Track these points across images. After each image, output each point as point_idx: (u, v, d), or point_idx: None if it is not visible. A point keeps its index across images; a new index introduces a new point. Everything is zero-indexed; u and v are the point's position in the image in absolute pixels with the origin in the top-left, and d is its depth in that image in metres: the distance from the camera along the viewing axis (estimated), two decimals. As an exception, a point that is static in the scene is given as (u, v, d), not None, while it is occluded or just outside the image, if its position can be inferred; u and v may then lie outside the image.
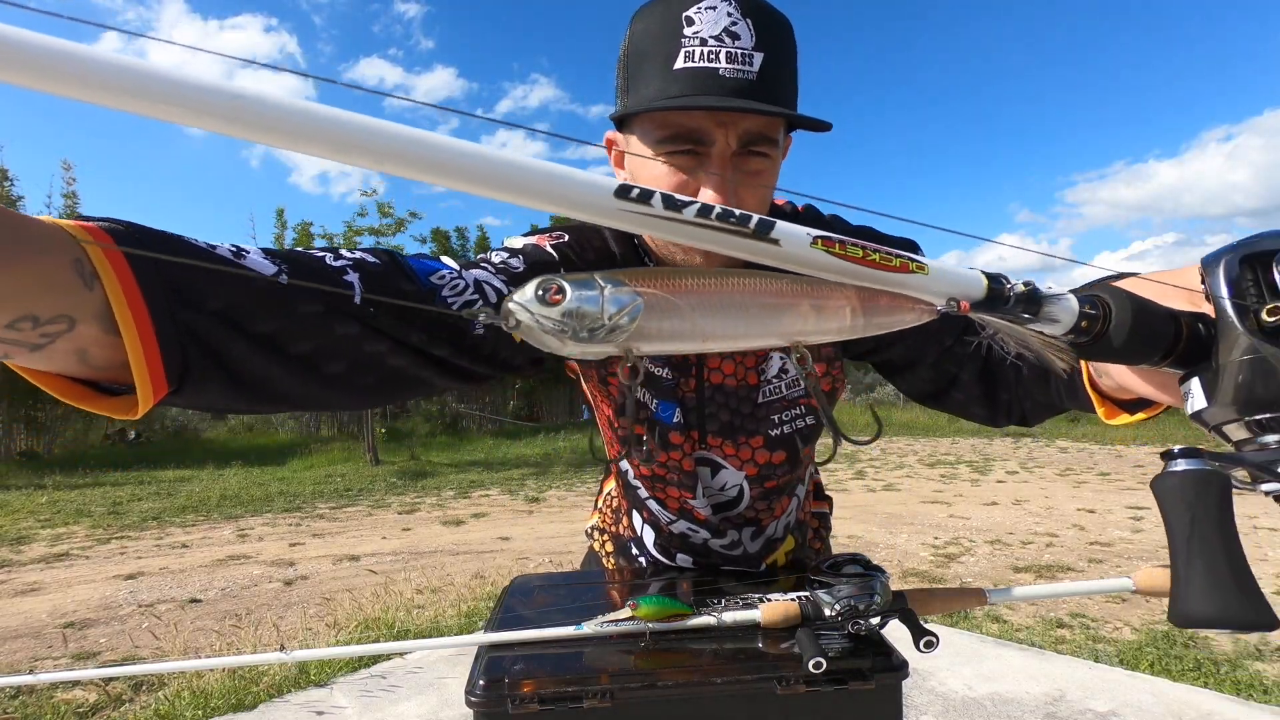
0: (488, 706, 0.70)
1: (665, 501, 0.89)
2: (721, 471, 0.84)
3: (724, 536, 0.90)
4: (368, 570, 4.78)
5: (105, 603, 4.15)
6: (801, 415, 0.82)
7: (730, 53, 0.61)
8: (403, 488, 8.81)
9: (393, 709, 2.43)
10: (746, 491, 0.86)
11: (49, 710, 2.56)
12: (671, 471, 0.85)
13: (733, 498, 0.86)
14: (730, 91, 0.61)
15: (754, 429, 0.81)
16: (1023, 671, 2.65)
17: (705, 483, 0.84)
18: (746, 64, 0.62)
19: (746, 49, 0.62)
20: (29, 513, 7.35)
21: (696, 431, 0.81)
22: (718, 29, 0.61)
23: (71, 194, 14.60)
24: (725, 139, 0.64)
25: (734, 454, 0.83)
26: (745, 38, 0.62)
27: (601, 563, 1.08)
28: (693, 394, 0.79)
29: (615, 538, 1.03)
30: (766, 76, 0.62)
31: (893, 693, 0.75)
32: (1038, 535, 5.38)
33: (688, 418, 0.79)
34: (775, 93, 0.63)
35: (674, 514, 0.90)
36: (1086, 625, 3.37)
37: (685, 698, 0.72)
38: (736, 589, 0.90)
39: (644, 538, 0.95)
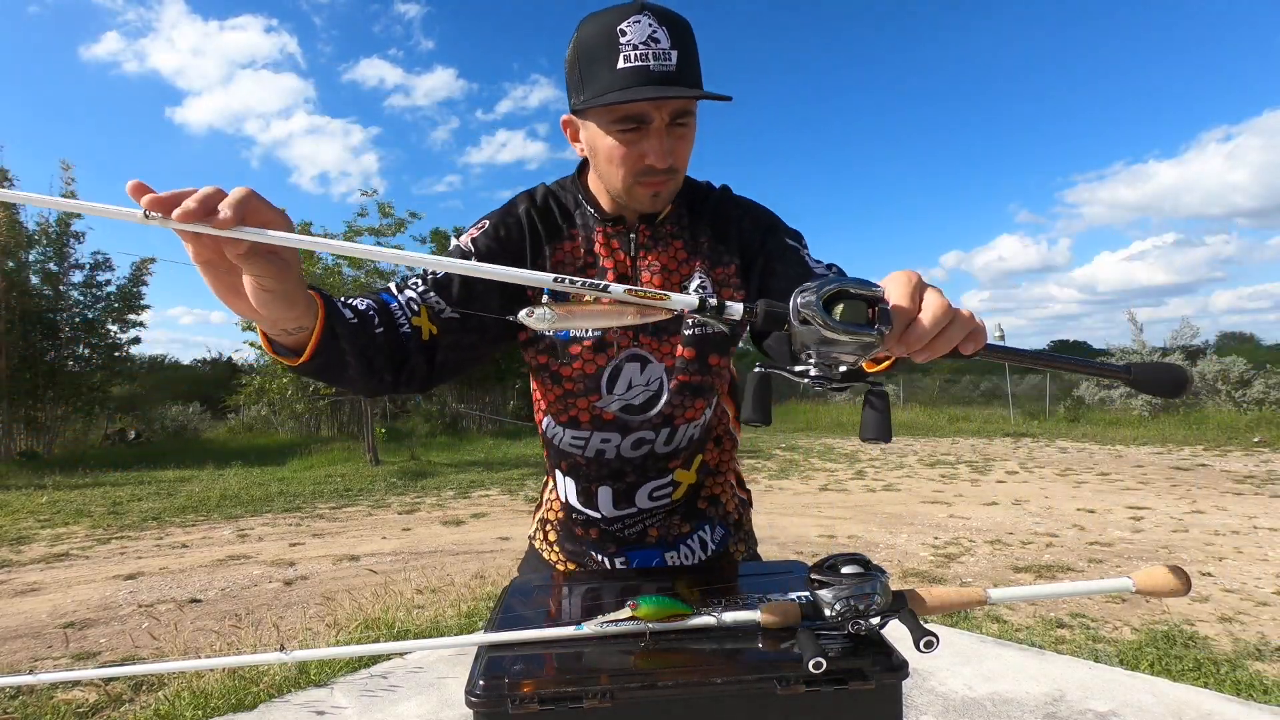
0: (488, 706, 0.70)
1: (578, 419, 1.02)
2: (648, 366, 0.99)
3: (633, 434, 1.01)
4: (368, 570, 4.77)
5: (105, 603, 4.15)
6: (711, 326, 0.99)
7: (655, 53, 0.84)
8: (403, 488, 8.81)
9: (393, 709, 2.42)
10: (665, 384, 1.00)
11: (49, 710, 2.56)
12: (578, 382, 0.99)
13: (651, 395, 1.00)
14: (658, 82, 0.84)
15: (675, 329, 0.99)
16: (1023, 671, 2.65)
17: (630, 380, 0.99)
18: (667, 60, 0.85)
19: (665, 49, 0.85)
20: (29, 513, 7.35)
21: (631, 331, 0.99)
22: (644, 36, 0.84)
23: (71, 194, 14.58)
24: (660, 116, 0.87)
25: (657, 348, 0.99)
26: (663, 41, 0.85)
27: (541, 556, 1.17)
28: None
29: (547, 521, 1.15)
30: (681, 68, 0.86)
31: (893, 693, 0.75)
32: (1038, 535, 5.38)
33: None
34: (689, 79, 0.86)
35: (587, 430, 1.02)
36: (1086, 625, 3.37)
37: (685, 698, 0.72)
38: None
39: (568, 495, 1.07)
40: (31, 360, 13.88)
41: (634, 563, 1.11)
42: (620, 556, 1.11)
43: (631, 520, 1.08)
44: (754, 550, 1.23)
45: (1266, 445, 10.74)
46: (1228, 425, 12.64)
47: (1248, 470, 8.38)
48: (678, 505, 1.10)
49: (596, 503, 1.06)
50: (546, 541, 1.17)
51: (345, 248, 0.67)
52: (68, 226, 14.48)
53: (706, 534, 1.13)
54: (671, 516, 1.10)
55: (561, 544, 1.15)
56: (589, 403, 1.01)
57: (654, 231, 1.01)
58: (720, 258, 1.01)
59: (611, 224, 1.00)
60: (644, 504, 1.07)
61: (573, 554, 1.14)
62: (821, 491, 7.81)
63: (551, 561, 1.17)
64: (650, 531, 1.09)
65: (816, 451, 11.79)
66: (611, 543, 1.10)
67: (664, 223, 1.01)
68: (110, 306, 15.15)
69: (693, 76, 0.87)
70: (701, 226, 1.02)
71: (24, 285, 13.91)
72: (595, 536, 1.10)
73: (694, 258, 1.01)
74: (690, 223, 1.03)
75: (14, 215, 13.49)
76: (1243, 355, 15.84)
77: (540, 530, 1.19)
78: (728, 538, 1.16)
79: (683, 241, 1.02)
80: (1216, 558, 4.57)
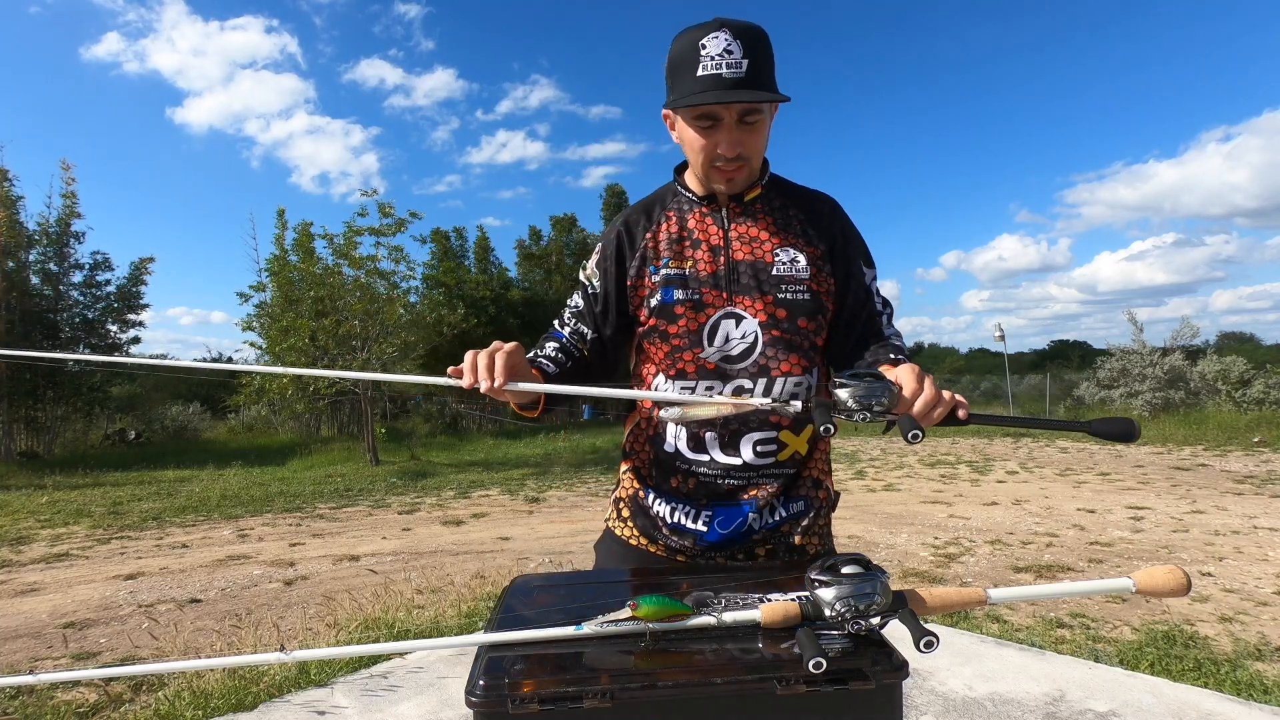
0: (488, 706, 0.70)
1: (685, 370, 1.14)
2: (743, 322, 1.13)
3: (733, 381, 1.13)
4: (368, 570, 4.78)
5: (105, 603, 4.15)
6: (800, 293, 1.13)
7: (729, 63, 1.02)
8: (403, 488, 8.81)
9: (393, 709, 2.42)
10: (759, 337, 1.13)
11: (49, 710, 2.56)
12: (683, 337, 1.14)
13: (747, 346, 1.13)
14: (728, 87, 1.02)
15: (767, 290, 1.13)
16: (1023, 671, 2.65)
17: (727, 334, 1.13)
18: (738, 69, 1.02)
19: (738, 59, 1.02)
20: (29, 513, 7.35)
21: (726, 292, 1.13)
22: (720, 49, 1.02)
23: (71, 194, 14.58)
24: (730, 115, 1.06)
25: (750, 305, 1.13)
26: (736, 52, 1.02)
27: (617, 538, 1.23)
28: (723, 267, 1.14)
29: (642, 470, 1.22)
30: (751, 74, 1.02)
31: (893, 693, 0.75)
32: (1038, 535, 5.38)
33: (719, 283, 1.14)
34: (757, 83, 1.03)
35: (694, 380, 1.14)
36: (1086, 625, 3.37)
37: (685, 698, 0.72)
38: (736, 580, 0.90)
39: (677, 441, 1.17)
40: (31, 360, 13.87)
41: (716, 521, 1.14)
42: (708, 511, 1.15)
43: (736, 471, 1.14)
44: (830, 549, 1.24)
45: (1266, 445, 10.74)
46: (1228, 425, 12.64)
47: (1248, 470, 8.38)
48: (785, 473, 1.15)
49: (704, 445, 1.15)
50: (620, 519, 1.25)
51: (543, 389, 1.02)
52: (67, 227, 14.49)
53: (785, 504, 1.17)
54: (775, 482, 1.15)
55: (634, 518, 1.22)
56: (694, 355, 1.14)
57: (744, 209, 1.17)
58: (810, 239, 1.17)
59: (706, 203, 1.18)
60: (749, 458, 1.13)
61: (644, 529, 1.20)
62: (821, 491, 7.80)
63: (626, 538, 1.22)
64: (749, 490, 1.14)
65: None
66: (705, 495, 1.15)
67: (753, 201, 1.17)
68: (110, 306, 15.16)
69: (760, 81, 1.03)
70: (792, 210, 1.18)
71: (24, 285, 13.91)
72: (691, 487, 1.16)
73: (783, 233, 1.16)
74: (781, 205, 1.19)
75: (14, 215, 13.49)
76: (1243, 355, 15.84)
77: (615, 510, 1.27)
78: (805, 516, 1.18)
79: (772, 219, 1.17)
80: (1216, 558, 4.57)
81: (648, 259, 1.17)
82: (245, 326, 15.25)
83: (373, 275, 12.32)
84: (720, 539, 1.14)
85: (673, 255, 1.16)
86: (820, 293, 1.15)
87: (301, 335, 11.87)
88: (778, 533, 1.16)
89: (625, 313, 1.19)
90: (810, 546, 1.19)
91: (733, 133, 1.06)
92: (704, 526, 1.15)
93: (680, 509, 1.16)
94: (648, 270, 1.16)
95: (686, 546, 1.16)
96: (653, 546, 1.19)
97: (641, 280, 1.17)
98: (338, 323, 11.88)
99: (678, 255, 1.15)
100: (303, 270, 12.91)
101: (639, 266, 1.17)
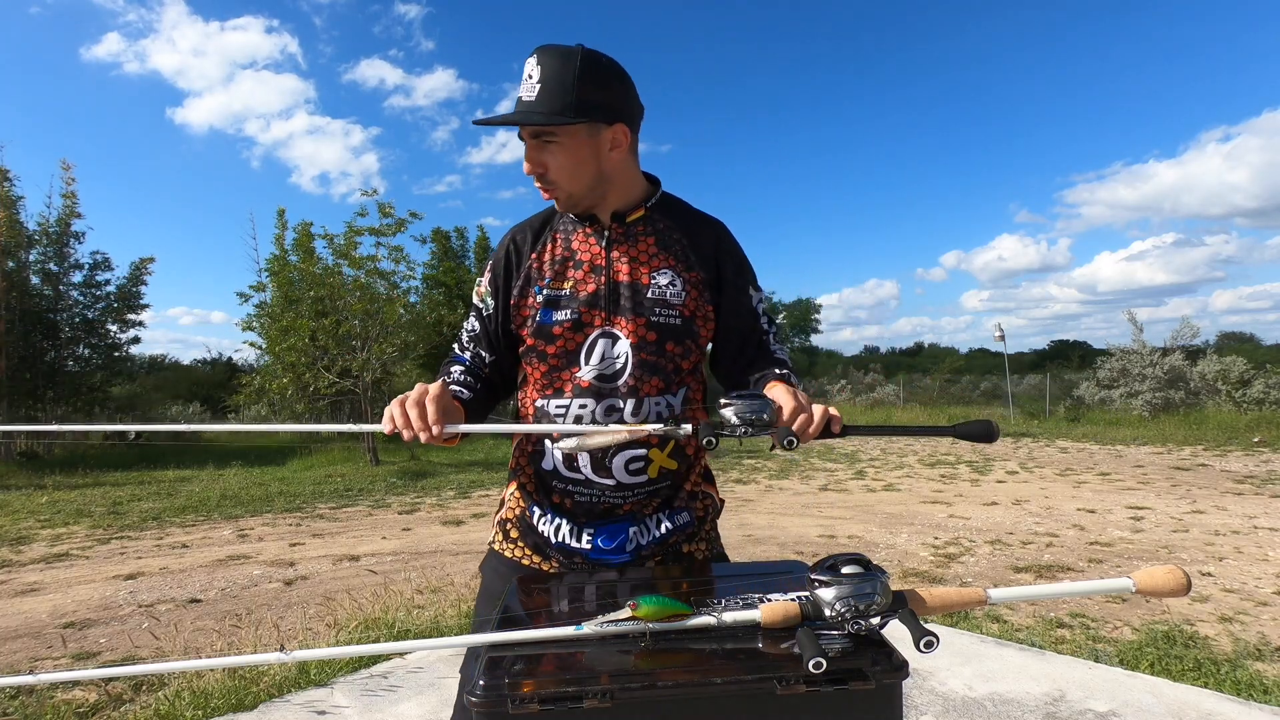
0: (488, 706, 0.70)
1: (562, 389, 1.18)
2: (618, 342, 1.16)
3: (605, 400, 1.15)
4: (368, 570, 4.77)
5: (105, 603, 4.15)
6: (671, 317, 1.16)
7: (527, 87, 1.09)
8: (403, 488, 8.81)
9: (393, 709, 2.42)
10: (630, 359, 1.15)
11: (49, 710, 2.56)
12: (561, 356, 1.17)
13: (620, 366, 1.15)
14: (521, 109, 1.09)
15: (641, 313, 1.15)
16: (1023, 671, 2.65)
17: (603, 353, 1.16)
18: (530, 92, 1.08)
19: (534, 82, 1.08)
20: (29, 513, 7.35)
21: (605, 312, 1.16)
22: (527, 73, 1.09)
23: (71, 194, 14.57)
24: (526, 136, 1.12)
25: (624, 325, 1.15)
26: (535, 76, 1.08)
27: (506, 558, 1.25)
28: (604, 287, 1.17)
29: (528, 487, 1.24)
30: (539, 97, 1.07)
31: (893, 693, 0.75)
32: (1038, 535, 5.38)
33: (598, 303, 1.17)
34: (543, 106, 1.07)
35: (569, 398, 1.17)
36: (1086, 625, 3.37)
37: (685, 698, 0.72)
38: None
39: (556, 463, 1.19)
40: (31, 360, 13.89)
41: (598, 539, 1.17)
42: (589, 529, 1.17)
43: (610, 491, 1.16)
44: (719, 552, 1.28)
45: (1266, 445, 10.74)
46: (1228, 425, 12.64)
47: (1248, 470, 8.38)
48: (659, 490, 1.19)
49: (578, 465, 1.17)
50: (508, 540, 1.26)
51: (498, 428, 1.15)
52: (68, 227, 14.48)
53: (669, 517, 1.21)
54: (651, 500, 1.19)
55: (524, 538, 1.23)
56: (570, 374, 1.17)
57: (625, 230, 1.18)
58: (691, 263, 1.19)
59: (589, 224, 1.19)
60: (622, 477, 1.15)
61: (535, 546, 1.22)
62: (821, 491, 7.81)
63: (516, 558, 1.23)
64: (624, 506, 1.17)
65: (816, 451, 11.79)
66: (583, 514, 1.18)
67: (636, 222, 1.19)
68: (110, 306, 15.14)
69: (545, 105, 1.07)
70: (676, 233, 1.20)
71: (24, 285, 13.90)
72: (569, 507, 1.19)
73: (662, 254, 1.18)
74: (665, 227, 1.20)
75: (14, 215, 13.49)
76: (1243, 355, 15.85)
77: (500, 531, 1.28)
78: (690, 526, 1.22)
79: (654, 240, 1.19)
80: (1216, 558, 4.57)
81: (531, 279, 1.19)
82: (245, 326, 15.23)
83: (373, 275, 12.31)
84: (604, 557, 1.17)
85: (555, 276, 1.18)
86: (694, 318, 1.17)
87: (301, 335, 11.87)
88: (664, 545, 1.20)
89: (511, 332, 1.22)
90: (698, 553, 1.24)
91: (531, 152, 1.11)
92: (587, 545, 1.17)
93: (564, 527, 1.19)
94: (531, 290, 1.19)
95: (577, 564, 1.18)
96: (545, 564, 1.21)
97: (525, 300, 1.19)
98: (338, 323, 11.87)
99: (559, 276, 1.18)
100: (303, 270, 12.91)
101: (522, 286, 1.20)
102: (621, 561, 1.17)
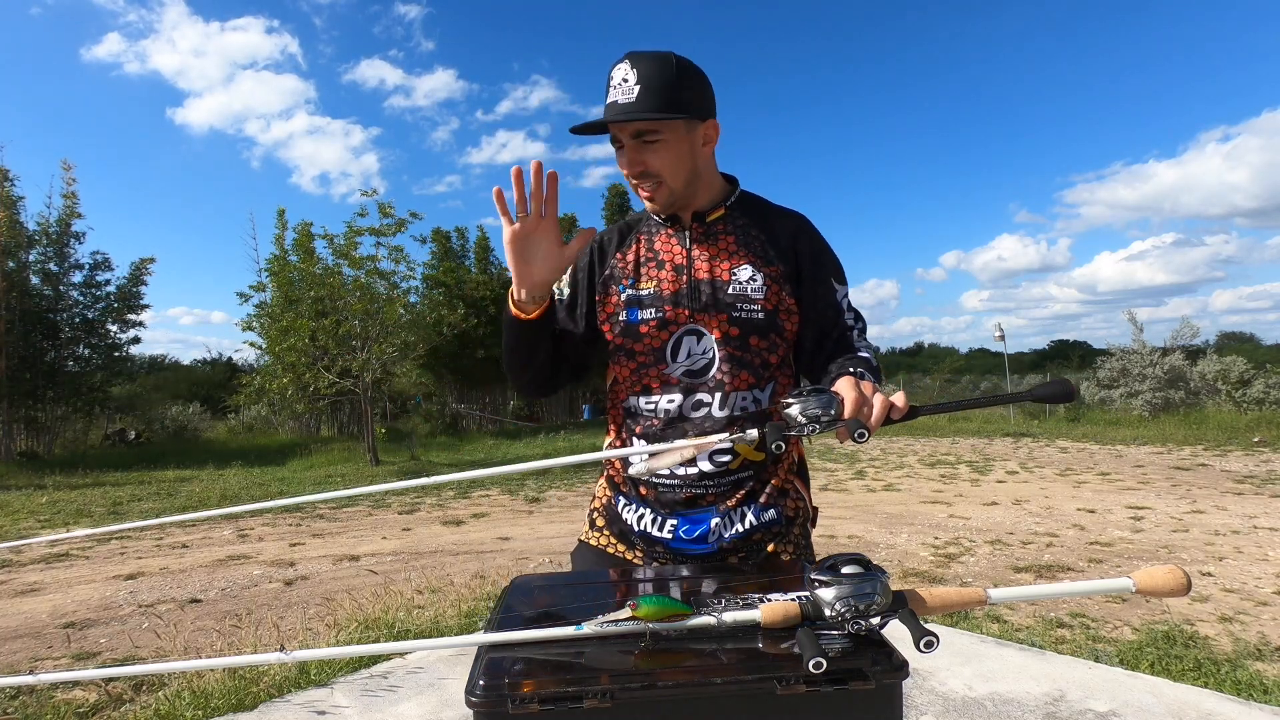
0: (488, 706, 0.70)
1: (650, 386, 1.20)
2: (703, 338, 1.18)
3: (694, 395, 1.18)
4: (368, 570, 4.78)
5: (105, 603, 4.15)
6: (754, 312, 1.17)
7: (624, 91, 1.10)
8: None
9: (393, 709, 2.42)
10: (716, 354, 1.18)
11: (49, 710, 2.56)
12: (648, 354, 1.20)
13: (708, 361, 1.18)
14: (620, 112, 1.10)
15: (724, 309, 1.17)
16: (1023, 671, 2.65)
17: (689, 350, 1.19)
18: (629, 95, 1.09)
19: (631, 85, 1.10)
20: (29, 513, 7.35)
21: (688, 310, 1.18)
22: (619, 78, 1.11)
23: (71, 194, 14.58)
24: (625, 136, 1.13)
25: (708, 322, 1.18)
26: (631, 80, 1.10)
27: (592, 547, 1.27)
28: (685, 285, 1.20)
29: (615, 479, 1.26)
30: (640, 99, 1.09)
31: (893, 693, 0.75)
32: (1038, 535, 5.38)
33: (681, 301, 1.19)
34: (646, 107, 1.09)
35: (657, 395, 1.19)
36: (1086, 625, 3.37)
37: (685, 698, 0.72)
38: (732, 580, 0.90)
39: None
40: (31, 360, 13.88)
41: (680, 529, 1.17)
42: (672, 518, 1.18)
43: (694, 480, 1.17)
44: (810, 560, 1.24)
45: (1266, 445, 10.74)
46: (1228, 425, 12.64)
47: (1248, 470, 8.38)
48: (743, 480, 1.18)
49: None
50: (595, 529, 1.29)
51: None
52: (68, 227, 14.48)
53: (755, 512, 1.19)
54: (735, 491, 1.18)
55: (609, 526, 1.26)
56: (658, 371, 1.20)
57: (706, 229, 1.22)
58: (770, 258, 1.20)
59: (671, 225, 1.23)
60: (705, 466, 1.17)
61: (620, 535, 1.24)
62: (821, 491, 7.81)
63: (602, 546, 1.26)
64: (707, 497, 1.18)
65: (816, 451, 11.80)
66: (666, 503, 1.19)
67: (716, 221, 1.22)
68: (110, 306, 15.15)
69: (650, 105, 1.09)
70: (755, 229, 1.22)
71: (24, 285, 13.90)
72: (653, 496, 1.20)
73: (742, 251, 1.20)
74: (744, 224, 1.23)
75: (14, 215, 13.49)
76: (1243, 355, 15.84)
77: (588, 523, 1.31)
78: (777, 525, 1.21)
79: (733, 238, 1.21)
80: (1216, 558, 4.57)
81: (615, 277, 1.23)
82: (245, 326, 15.25)
83: (373, 275, 12.31)
84: (686, 546, 1.17)
85: (638, 276, 1.22)
86: (775, 311, 1.18)
87: (301, 335, 11.88)
88: (749, 541, 1.19)
89: (593, 323, 1.25)
90: (785, 554, 1.21)
91: (632, 152, 1.14)
92: (669, 534, 1.18)
93: (647, 516, 1.20)
94: (615, 288, 1.22)
95: (658, 553, 1.19)
96: (630, 553, 1.22)
97: (608, 296, 1.23)
98: (338, 323, 11.87)
99: (643, 276, 1.22)
100: (303, 270, 12.91)
101: (605, 283, 1.24)
102: (703, 552, 1.17)
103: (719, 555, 1.17)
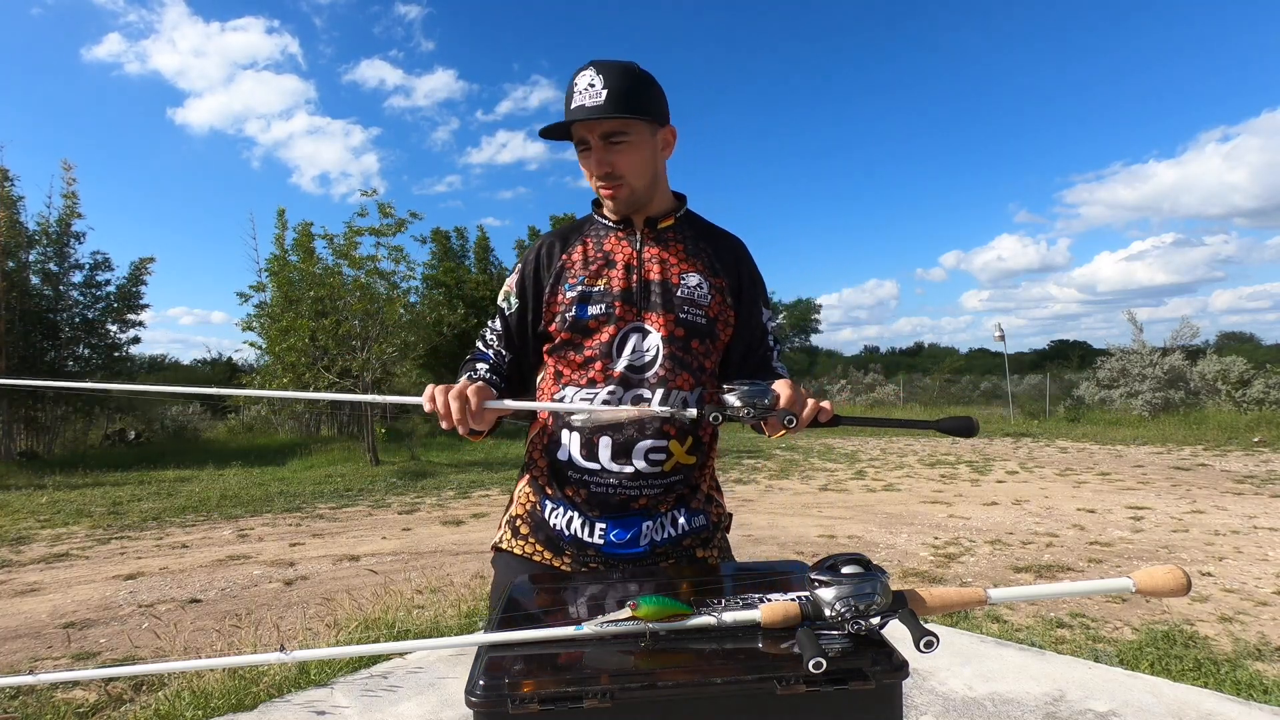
0: (488, 706, 0.70)
1: (594, 380, 1.21)
2: (649, 336, 1.21)
3: (634, 390, 1.20)
4: (368, 570, 4.77)
5: (105, 603, 4.15)
6: (698, 317, 1.22)
7: (590, 95, 1.13)
8: (403, 488, 8.81)
9: (393, 709, 2.42)
10: (660, 352, 1.21)
11: (49, 710, 2.56)
12: (596, 349, 1.21)
13: (651, 358, 1.21)
14: (587, 114, 1.13)
15: (671, 309, 1.22)
16: (1023, 671, 2.65)
17: (634, 346, 1.21)
18: (597, 98, 1.13)
19: (598, 89, 1.13)
20: (29, 513, 7.35)
21: (636, 308, 1.22)
22: (585, 83, 1.14)
23: (72, 194, 14.57)
24: (593, 137, 1.17)
25: (655, 320, 1.21)
26: (597, 84, 1.14)
27: (516, 556, 1.24)
28: (635, 284, 1.23)
29: (539, 481, 1.26)
30: (608, 102, 1.13)
31: (893, 693, 0.75)
32: (1038, 535, 5.38)
33: (630, 299, 1.22)
34: (615, 109, 1.12)
35: (600, 388, 1.20)
36: (1086, 625, 3.37)
37: (685, 698, 0.72)
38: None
39: (571, 452, 1.21)
40: (31, 360, 13.86)
41: (611, 532, 1.17)
42: (602, 522, 1.18)
43: (628, 480, 1.18)
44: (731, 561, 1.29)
45: (1266, 445, 10.74)
46: (1228, 425, 12.64)
47: (1248, 470, 8.38)
48: (674, 485, 1.21)
49: (598, 454, 1.19)
50: (518, 537, 1.26)
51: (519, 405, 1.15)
52: (68, 227, 14.47)
53: (686, 517, 1.23)
54: (667, 495, 1.20)
55: (534, 533, 1.24)
56: (603, 365, 1.21)
57: (656, 234, 1.25)
58: (716, 270, 1.26)
59: (622, 227, 1.26)
60: (641, 466, 1.18)
61: (547, 541, 1.22)
62: (821, 491, 7.81)
63: (526, 555, 1.24)
64: (640, 500, 1.18)
65: (816, 451, 11.80)
66: (596, 506, 1.18)
67: (666, 229, 1.26)
68: (110, 306, 15.14)
69: (618, 108, 1.12)
70: (702, 242, 1.28)
71: (24, 285, 13.90)
72: (583, 498, 1.19)
73: (691, 259, 1.25)
74: (692, 235, 1.28)
75: (14, 215, 13.49)
76: (1242, 355, 15.85)
77: (509, 530, 1.29)
78: (706, 530, 1.25)
79: (683, 246, 1.26)
80: (1216, 558, 4.57)
81: (562, 277, 1.25)
82: (245, 326, 15.25)
83: (373, 275, 12.30)
84: (618, 551, 1.18)
85: (587, 274, 1.24)
86: (716, 320, 1.24)
87: (301, 335, 11.86)
88: (679, 547, 1.22)
89: (534, 332, 1.28)
90: (711, 559, 1.26)
91: (600, 153, 1.17)
92: (600, 539, 1.18)
93: (576, 520, 1.20)
94: (561, 287, 1.24)
95: (589, 558, 1.19)
96: (557, 560, 1.22)
97: (556, 297, 1.24)
98: (338, 323, 11.87)
99: (592, 274, 1.24)
100: (303, 270, 12.91)
101: (553, 284, 1.25)
102: (635, 555, 1.18)
103: (649, 559, 1.19)
